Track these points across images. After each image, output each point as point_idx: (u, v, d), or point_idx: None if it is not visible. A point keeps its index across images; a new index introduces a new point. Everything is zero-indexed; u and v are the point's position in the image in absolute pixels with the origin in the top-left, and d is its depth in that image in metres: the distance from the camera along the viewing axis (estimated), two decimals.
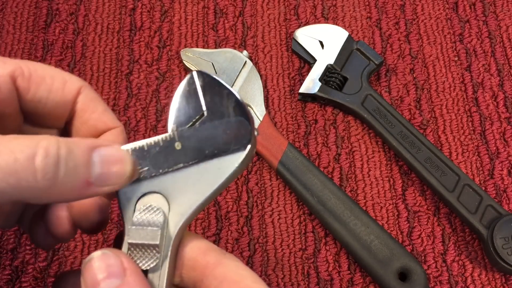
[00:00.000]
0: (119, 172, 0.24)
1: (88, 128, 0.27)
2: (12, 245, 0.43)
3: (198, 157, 0.25)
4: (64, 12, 0.53)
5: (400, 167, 0.47)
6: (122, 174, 0.24)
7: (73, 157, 0.22)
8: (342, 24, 0.52)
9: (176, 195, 0.25)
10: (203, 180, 0.25)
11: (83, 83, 0.27)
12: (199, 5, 0.53)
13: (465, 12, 0.53)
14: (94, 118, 0.27)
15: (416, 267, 0.41)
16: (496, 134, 0.48)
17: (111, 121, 0.28)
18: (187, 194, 0.25)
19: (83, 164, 0.23)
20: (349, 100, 0.47)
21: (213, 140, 0.25)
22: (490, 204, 0.43)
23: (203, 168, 0.25)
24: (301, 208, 0.45)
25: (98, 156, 0.23)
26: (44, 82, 0.26)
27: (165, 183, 0.25)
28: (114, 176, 0.24)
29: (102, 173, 0.23)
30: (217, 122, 0.26)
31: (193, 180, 0.25)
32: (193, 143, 0.25)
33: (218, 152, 0.25)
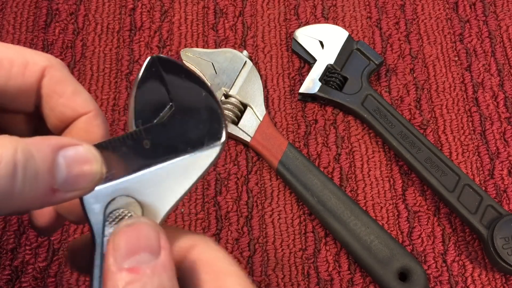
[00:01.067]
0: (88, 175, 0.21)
1: (56, 115, 0.24)
2: (12, 245, 0.43)
3: (169, 155, 0.23)
4: (64, 12, 0.53)
5: (400, 167, 0.47)
6: (92, 177, 0.21)
7: (33, 163, 0.19)
8: (342, 24, 0.52)
9: (149, 197, 0.23)
10: (176, 178, 0.23)
11: (48, 63, 0.24)
12: (199, 5, 0.53)
13: (465, 12, 0.53)
14: (62, 104, 0.24)
15: (416, 267, 0.41)
16: (496, 134, 0.48)
17: (82, 105, 0.24)
18: (160, 195, 0.23)
19: (45, 170, 0.19)
20: (349, 100, 0.47)
21: (184, 136, 0.24)
22: (490, 204, 0.43)
23: (175, 166, 0.23)
24: (301, 208, 0.45)
25: (63, 159, 0.20)
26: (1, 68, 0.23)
27: (135, 185, 0.23)
28: (83, 180, 0.21)
29: (69, 177, 0.20)
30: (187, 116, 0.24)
31: (165, 179, 0.23)
32: (163, 140, 0.23)
33: (190, 148, 0.23)
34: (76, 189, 0.21)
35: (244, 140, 0.46)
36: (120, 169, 0.23)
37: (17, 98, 0.24)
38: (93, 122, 0.25)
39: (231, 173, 0.46)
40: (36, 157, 0.19)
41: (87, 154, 0.21)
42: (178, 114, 0.24)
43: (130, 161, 0.23)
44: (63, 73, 0.24)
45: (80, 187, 0.21)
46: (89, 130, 0.25)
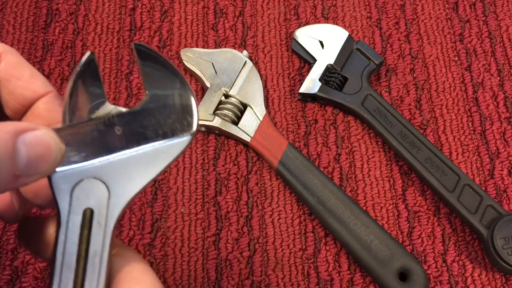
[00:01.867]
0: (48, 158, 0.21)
1: (16, 99, 0.25)
2: (12, 245, 0.43)
3: (139, 142, 0.24)
4: (64, 12, 0.53)
5: (400, 167, 0.47)
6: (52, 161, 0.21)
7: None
8: (342, 24, 0.52)
9: (116, 181, 0.24)
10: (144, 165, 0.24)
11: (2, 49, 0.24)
12: (199, 5, 0.53)
13: (465, 12, 0.53)
14: (21, 86, 0.24)
15: (416, 267, 0.41)
16: (496, 134, 0.48)
17: (41, 87, 0.25)
18: (127, 180, 0.24)
19: (7, 158, 0.19)
20: (349, 100, 0.47)
21: (155, 124, 0.24)
22: (490, 204, 0.43)
23: (144, 153, 0.24)
24: (301, 208, 0.45)
25: (23, 144, 0.20)
26: None
27: (104, 168, 0.23)
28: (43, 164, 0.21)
29: (29, 162, 0.20)
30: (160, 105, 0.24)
31: (134, 165, 0.24)
32: (134, 127, 0.24)
33: (161, 137, 0.24)
34: (37, 173, 0.21)
35: (244, 140, 0.46)
36: (90, 152, 0.23)
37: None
38: (54, 102, 0.25)
39: (231, 173, 0.46)
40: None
41: (45, 137, 0.21)
42: (152, 102, 0.24)
43: (100, 145, 0.24)
44: (19, 58, 0.25)
45: (40, 171, 0.21)
46: (51, 110, 0.25)
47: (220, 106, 0.47)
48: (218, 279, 0.43)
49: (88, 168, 0.23)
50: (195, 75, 0.49)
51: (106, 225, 0.23)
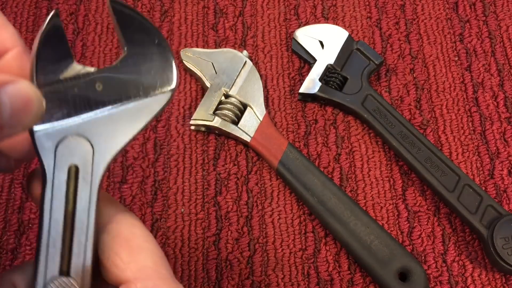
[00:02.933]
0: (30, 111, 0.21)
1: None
2: (12, 245, 0.43)
3: (121, 99, 0.24)
4: (64, 12, 0.53)
5: (400, 167, 0.47)
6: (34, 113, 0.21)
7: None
8: (342, 24, 0.52)
9: (99, 138, 0.24)
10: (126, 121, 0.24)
11: None
12: (199, 5, 0.53)
13: (465, 12, 0.53)
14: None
15: (416, 267, 0.41)
16: (496, 134, 0.48)
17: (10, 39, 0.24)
18: (110, 136, 0.24)
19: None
20: (349, 100, 0.47)
21: (135, 80, 0.24)
22: (490, 204, 0.43)
23: (126, 109, 0.24)
24: (301, 208, 0.45)
25: (6, 96, 0.20)
26: None
27: (86, 125, 0.24)
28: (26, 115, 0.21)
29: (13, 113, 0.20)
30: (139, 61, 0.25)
31: (116, 121, 0.24)
32: (115, 83, 0.24)
33: (142, 93, 0.24)
34: (20, 124, 0.21)
35: (244, 140, 0.46)
36: (72, 109, 0.23)
37: None
38: (24, 57, 0.24)
39: (231, 173, 0.46)
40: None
41: (27, 89, 0.21)
42: (131, 59, 0.25)
43: (81, 102, 0.24)
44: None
45: (23, 122, 0.21)
46: (22, 66, 0.24)
47: (220, 106, 0.47)
48: (218, 279, 0.43)
49: (71, 125, 0.24)
50: (195, 75, 0.49)
51: (92, 181, 0.24)
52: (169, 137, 0.47)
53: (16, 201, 0.45)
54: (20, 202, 0.45)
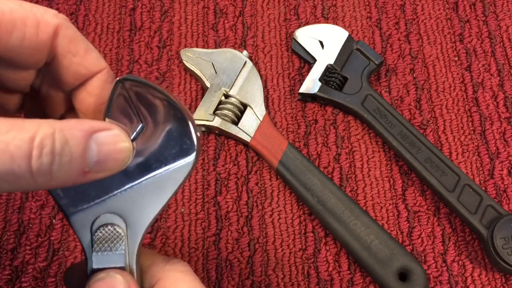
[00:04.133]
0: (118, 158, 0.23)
1: (72, 74, 0.25)
2: (12, 245, 0.43)
3: (146, 173, 0.25)
4: (64, 12, 0.53)
5: (400, 167, 0.47)
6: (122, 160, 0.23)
7: (68, 149, 0.21)
8: (342, 24, 0.52)
9: (131, 212, 0.25)
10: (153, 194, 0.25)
11: (59, 21, 0.24)
12: (199, 5, 0.53)
13: (465, 12, 0.53)
14: (76, 63, 0.25)
15: (416, 267, 0.41)
16: (496, 134, 0.48)
17: (95, 64, 0.25)
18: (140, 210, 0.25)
19: (78, 155, 0.21)
20: (349, 100, 0.47)
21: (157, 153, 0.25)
22: (490, 204, 0.43)
23: (151, 182, 0.25)
24: (301, 208, 0.45)
25: (95, 145, 0.22)
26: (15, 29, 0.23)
27: (117, 202, 0.25)
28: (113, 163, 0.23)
29: (99, 161, 0.22)
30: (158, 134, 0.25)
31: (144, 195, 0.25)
32: (139, 160, 0.25)
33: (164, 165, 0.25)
34: (106, 170, 0.22)
35: (244, 140, 0.46)
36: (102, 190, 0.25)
37: (31, 56, 0.24)
38: (107, 80, 0.26)
39: (231, 173, 0.46)
40: (71, 144, 0.21)
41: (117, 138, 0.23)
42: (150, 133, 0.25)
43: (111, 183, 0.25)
44: (74, 31, 0.25)
45: (109, 168, 0.22)
46: (104, 88, 0.26)
47: (220, 106, 0.47)
48: (219, 279, 0.43)
49: (103, 204, 0.25)
50: (195, 75, 0.49)
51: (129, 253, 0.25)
52: None
53: (16, 201, 0.45)
54: (20, 202, 0.45)
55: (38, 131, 0.20)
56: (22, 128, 0.20)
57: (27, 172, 0.20)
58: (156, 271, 0.26)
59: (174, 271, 0.26)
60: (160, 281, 0.26)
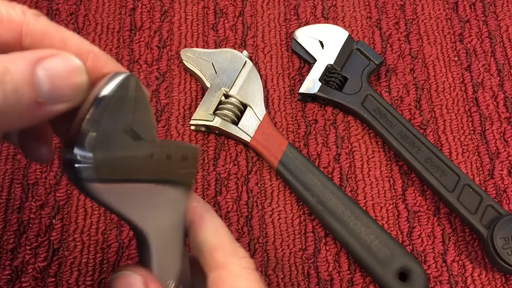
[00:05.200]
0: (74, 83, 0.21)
1: None
2: (12, 245, 0.43)
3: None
4: (64, 12, 0.53)
5: (400, 167, 0.47)
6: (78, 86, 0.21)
7: (10, 77, 0.19)
8: (342, 24, 0.52)
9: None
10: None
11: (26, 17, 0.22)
12: (199, 5, 0.53)
13: (465, 12, 0.53)
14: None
15: (416, 267, 0.41)
16: (496, 134, 0.48)
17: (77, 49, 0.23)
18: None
19: (25, 84, 0.19)
20: (349, 100, 0.47)
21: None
22: (490, 204, 0.43)
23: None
24: (301, 208, 0.45)
25: (44, 70, 0.20)
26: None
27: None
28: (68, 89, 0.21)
29: (53, 89, 0.20)
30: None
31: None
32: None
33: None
34: (62, 99, 0.21)
35: (244, 140, 0.46)
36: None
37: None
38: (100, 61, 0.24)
39: (231, 173, 0.46)
40: (13, 72, 0.19)
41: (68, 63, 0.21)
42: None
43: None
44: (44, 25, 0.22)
45: (65, 96, 0.21)
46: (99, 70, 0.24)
47: (220, 106, 0.47)
48: None
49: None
50: (195, 75, 0.49)
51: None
52: (169, 137, 0.47)
53: (16, 201, 0.45)
54: (20, 202, 0.45)
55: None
56: None
57: None
58: (220, 258, 0.26)
59: (237, 265, 0.25)
60: (221, 271, 0.25)
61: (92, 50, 0.24)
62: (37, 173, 0.46)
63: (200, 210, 0.27)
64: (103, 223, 0.44)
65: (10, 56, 0.20)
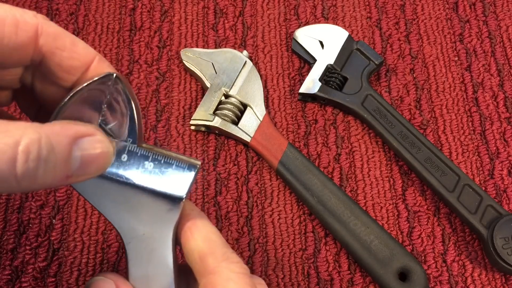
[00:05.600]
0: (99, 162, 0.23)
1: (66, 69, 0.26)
2: (12, 245, 0.43)
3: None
4: (64, 12, 0.53)
5: (400, 167, 0.47)
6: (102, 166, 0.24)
7: (53, 155, 0.21)
8: (342, 24, 0.52)
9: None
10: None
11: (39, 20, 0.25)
12: (199, 5, 0.53)
13: (465, 12, 0.53)
14: (67, 57, 0.25)
15: (416, 267, 0.41)
16: (496, 134, 0.48)
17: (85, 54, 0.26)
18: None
19: (63, 162, 0.22)
20: (349, 100, 0.47)
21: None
22: (490, 204, 0.43)
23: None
24: (301, 208, 0.45)
25: (79, 151, 0.22)
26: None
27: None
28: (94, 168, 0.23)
29: (82, 165, 0.23)
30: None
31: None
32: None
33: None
34: (86, 175, 0.23)
35: (244, 140, 0.46)
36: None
37: (13, 55, 0.24)
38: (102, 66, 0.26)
39: (231, 173, 0.46)
40: (56, 151, 0.21)
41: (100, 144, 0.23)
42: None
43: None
44: (56, 28, 0.25)
45: (90, 173, 0.23)
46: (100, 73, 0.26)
47: (220, 106, 0.47)
48: None
49: None
50: (195, 75, 0.49)
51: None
52: (169, 137, 0.47)
53: (16, 201, 0.45)
54: (20, 202, 0.45)
55: (23, 136, 0.20)
56: (6, 131, 0.20)
57: (11, 176, 0.20)
58: (211, 263, 0.26)
59: (228, 270, 0.26)
60: (212, 276, 0.25)
61: (97, 54, 0.26)
62: None
63: (192, 217, 0.27)
64: (103, 223, 0.44)
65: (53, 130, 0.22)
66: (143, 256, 0.26)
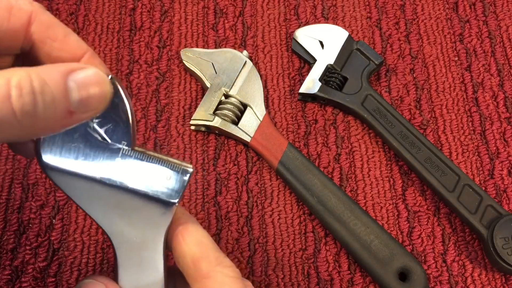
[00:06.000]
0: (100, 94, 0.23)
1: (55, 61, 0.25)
2: (12, 245, 0.43)
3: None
4: (64, 12, 0.53)
5: (400, 167, 0.47)
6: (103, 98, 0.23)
7: (48, 89, 0.21)
8: (342, 24, 0.52)
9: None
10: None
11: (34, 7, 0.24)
12: (199, 5, 0.53)
13: (465, 12, 0.53)
14: (57, 48, 0.25)
15: (416, 267, 0.41)
16: (496, 134, 0.48)
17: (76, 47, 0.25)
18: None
19: (60, 94, 0.21)
20: (349, 100, 0.47)
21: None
22: (490, 204, 0.43)
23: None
24: (301, 208, 0.45)
25: (74, 82, 0.22)
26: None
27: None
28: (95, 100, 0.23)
29: (82, 98, 0.22)
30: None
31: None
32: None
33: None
34: (91, 110, 0.23)
35: (244, 140, 0.46)
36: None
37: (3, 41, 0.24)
38: (93, 62, 0.26)
39: (231, 173, 0.46)
40: (50, 83, 0.21)
41: (95, 76, 0.23)
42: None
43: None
44: (50, 17, 0.25)
45: (93, 108, 0.23)
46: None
47: (220, 106, 0.47)
48: None
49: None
50: (195, 75, 0.49)
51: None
52: (169, 137, 0.47)
53: (16, 201, 0.45)
54: (20, 202, 0.45)
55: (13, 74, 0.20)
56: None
57: (9, 114, 0.20)
58: (204, 268, 0.26)
59: (222, 274, 0.26)
60: (206, 281, 0.25)
61: (88, 49, 0.26)
62: (37, 173, 0.46)
63: (183, 221, 0.27)
64: None
65: (43, 68, 0.21)
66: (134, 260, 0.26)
